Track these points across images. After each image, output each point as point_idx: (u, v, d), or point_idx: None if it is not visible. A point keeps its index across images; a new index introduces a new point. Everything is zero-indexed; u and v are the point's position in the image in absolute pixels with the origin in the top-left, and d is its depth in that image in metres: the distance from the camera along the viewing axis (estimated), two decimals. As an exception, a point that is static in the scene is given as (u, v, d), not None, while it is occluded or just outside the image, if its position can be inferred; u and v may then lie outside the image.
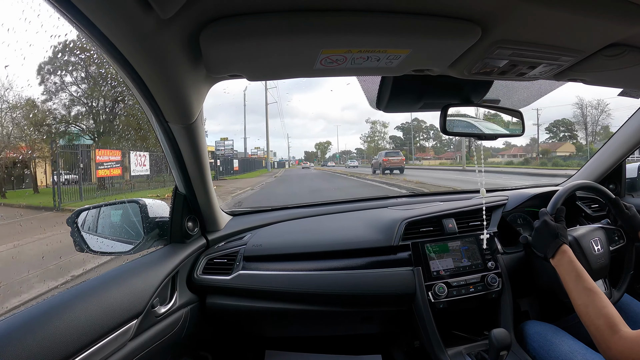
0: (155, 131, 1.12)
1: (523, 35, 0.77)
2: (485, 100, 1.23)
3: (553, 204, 1.36)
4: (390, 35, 0.74)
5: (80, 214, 1.41)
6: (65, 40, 12.23)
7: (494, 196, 1.79)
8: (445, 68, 0.92)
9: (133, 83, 0.84)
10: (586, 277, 1.13)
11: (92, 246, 1.37)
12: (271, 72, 0.91)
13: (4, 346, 0.75)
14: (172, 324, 1.23)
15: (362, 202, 2.02)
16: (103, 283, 1.05)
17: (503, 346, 1.15)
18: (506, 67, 0.91)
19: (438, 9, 0.69)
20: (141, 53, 0.74)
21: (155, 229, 1.37)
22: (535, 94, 1.33)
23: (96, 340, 0.90)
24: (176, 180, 1.31)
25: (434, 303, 1.38)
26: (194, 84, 0.91)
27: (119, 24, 0.64)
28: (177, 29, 0.68)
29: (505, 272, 1.47)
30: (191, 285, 1.39)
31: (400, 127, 73.69)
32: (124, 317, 1.01)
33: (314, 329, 1.69)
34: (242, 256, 1.47)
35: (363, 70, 0.90)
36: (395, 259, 1.46)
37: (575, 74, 1.01)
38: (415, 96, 1.15)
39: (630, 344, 0.93)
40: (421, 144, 73.16)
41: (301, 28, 0.69)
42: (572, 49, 0.85)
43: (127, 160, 11.71)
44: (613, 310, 1.03)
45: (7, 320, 0.82)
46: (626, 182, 1.95)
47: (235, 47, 0.73)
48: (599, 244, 1.38)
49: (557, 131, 42.99)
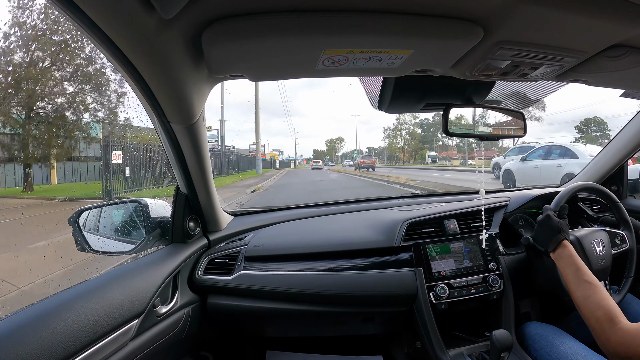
0: (157, 131, 1.12)
1: (525, 36, 0.77)
2: (487, 101, 1.23)
3: (557, 201, 1.36)
4: (392, 36, 0.74)
5: (82, 214, 1.41)
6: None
7: (495, 197, 1.78)
8: (447, 69, 0.92)
9: (135, 83, 0.84)
10: (586, 270, 1.13)
11: (93, 246, 1.38)
12: (273, 73, 0.91)
13: (5, 345, 0.75)
14: (173, 324, 1.23)
15: (363, 202, 2.02)
16: (104, 283, 1.05)
17: (504, 347, 1.15)
18: (508, 68, 0.91)
19: (440, 10, 0.69)
20: (143, 53, 0.74)
21: (157, 229, 1.37)
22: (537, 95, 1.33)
23: (97, 340, 0.90)
24: (178, 180, 1.32)
25: (435, 304, 1.38)
26: (196, 84, 0.91)
27: (121, 24, 0.64)
28: (179, 29, 0.68)
29: (506, 273, 1.47)
30: (192, 285, 1.39)
31: (418, 124, 66.53)
32: (125, 317, 1.01)
33: (315, 330, 1.69)
34: (243, 256, 1.46)
35: (365, 70, 0.90)
36: (397, 260, 1.46)
37: (577, 75, 1.01)
38: (417, 97, 1.15)
39: (630, 336, 0.93)
40: (444, 142, 66.29)
41: (303, 28, 0.69)
42: (574, 49, 0.85)
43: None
44: (612, 303, 1.03)
45: (8, 319, 0.82)
46: (628, 183, 1.94)
47: (237, 47, 0.73)
48: (601, 246, 1.38)
49: (587, 130, 41.22)
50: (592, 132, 39.36)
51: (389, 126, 63.28)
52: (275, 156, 58.95)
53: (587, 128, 39.80)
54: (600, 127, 39.64)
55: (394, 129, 66.29)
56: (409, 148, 64.28)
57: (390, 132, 67.64)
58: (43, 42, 9.74)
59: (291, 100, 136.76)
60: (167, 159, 1.23)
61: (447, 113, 1.15)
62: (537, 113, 36.08)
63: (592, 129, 39.47)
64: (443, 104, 1.15)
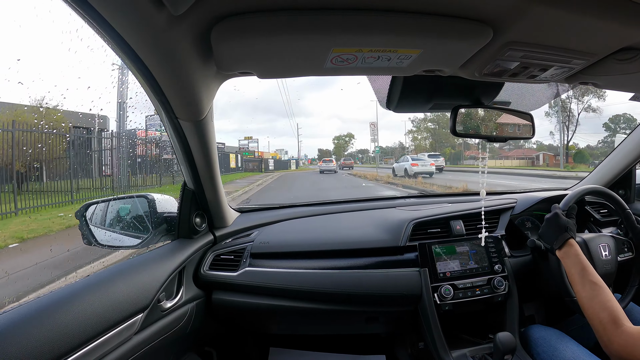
0: (165, 127, 1.13)
1: (535, 37, 0.77)
2: (496, 102, 1.22)
3: (566, 201, 1.35)
4: (401, 35, 0.74)
5: (89, 208, 1.42)
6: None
7: (502, 199, 1.78)
8: (456, 69, 0.91)
9: (144, 79, 0.85)
10: (591, 270, 1.13)
11: (100, 239, 1.39)
12: (282, 70, 0.91)
13: (10, 337, 0.76)
14: (177, 318, 1.24)
15: (369, 201, 2.02)
16: (110, 276, 1.06)
17: (508, 350, 1.15)
18: (517, 69, 0.91)
19: (450, 10, 0.69)
20: (152, 49, 0.74)
21: (163, 224, 1.38)
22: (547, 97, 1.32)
23: (101, 333, 0.91)
24: (185, 176, 1.32)
25: (440, 305, 1.37)
26: (205, 81, 0.91)
27: (131, 20, 0.65)
28: (188, 25, 0.68)
29: (512, 276, 1.46)
30: (197, 281, 1.40)
31: (435, 119, 53.81)
32: (130, 311, 1.02)
33: (318, 328, 1.70)
34: (249, 253, 1.47)
35: (374, 69, 0.90)
36: (402, 260, 1.46)
37: (586, 77, 1.00)
38: (425, 97, 1.15)
39: (633, 339, 0.93)
40: (465, 139, 57.79)
41: (312, 26, 0.69)
42: (583, 52, 0.84)
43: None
44: (617, 305, 1.03)
45: (13, 312, 0.83)
46: (636, 188, 1.93)
47: (246, 44, 0.73)
48: (607, 250, 1.37)
49: (616, 128, 38.18)
50: (620, 129, 37.78)
51: (415, 117, 51.94)
52: (277, 156, 49.71)
53: (616, 125, 38.26)
54: (629, 125, 37.92)
55: (427, 119, 51.34)
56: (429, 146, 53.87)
57: (419, 124, 52.07)
58: None
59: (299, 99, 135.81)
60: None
61: (455, 113, 1.14)
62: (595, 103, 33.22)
63: (620, 126, 38.02)
64: (451, 104, 1.15)
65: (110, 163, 10.33)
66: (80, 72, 3.40)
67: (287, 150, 56.00)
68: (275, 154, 50.27)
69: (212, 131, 1.17)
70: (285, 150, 55.84)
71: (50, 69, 9.74)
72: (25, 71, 4.08)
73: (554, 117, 31.77)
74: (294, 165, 47.02)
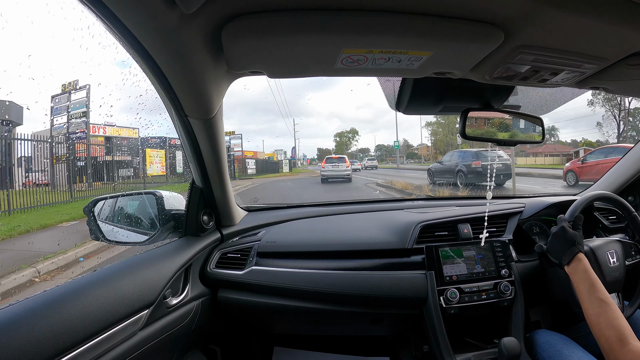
0: (175, 125, 1.14)
1: (546, 41, 0.76)
2: (506, 105, 1.22)
3: (572, 211, 1.34)
4: (412, 37, 0.73)
5: (97, 203, 1.43)
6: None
7: (510, 203, 1.77)
8: (466, 71, 0.91)
9: (154, 77, 0.86)
10: (600, 287, 1.12)
11: (107, 235, 1.40)
12: (292, 70, 0.91)
13: (16, 330, 0.77)
14: (182, 315, 1.24)
15: (377, 203, 2.02)
16: (116, 272, 1.07)
17: (512, 355, 1.14)
18: (528, 73, 0.90)
19: (461, 12, 0.69)
20: (163, 47, 0.75)
21: (171, 221, 1.39)
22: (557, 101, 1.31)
23: (107, 328, 0.92)
24: (193, 174, 1.33)
25: (445, 308, 1.37)
26: (215, 79, 0.91)
27: (143, 19, 0.65)
28: (199, 24, 0.69)
29: (518, 281, 1.45)
30: (204, 279, 1.41)
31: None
32: (136, 307, 1.02)
33: (323, 328, 1.70)
34: (255, 252, 1.48)
35: (384, 71, 0.90)
36: (409, 262, 1.45)
37: (598, 82, 0.99)
38: (435, 99, 1.15)
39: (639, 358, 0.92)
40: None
41: (323, 27, 0.69)
42: (595, 56, 0.83)
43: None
44: (624, 323, 1.02)
45: (19, 305, 0.84)
46: None
47: (257, 43, 0.73)
48: (615, 257, 1.36)
49: (636, 122, 36.48)
50: (638, 124, 36.38)
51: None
52: (274, 156, 43.16)
53: (634, 119, 36.62)
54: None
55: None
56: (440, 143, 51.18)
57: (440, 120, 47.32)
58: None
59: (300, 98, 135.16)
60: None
61: (465, 116, 1.14)
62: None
63: (638, 120, 36.50)
64: (461, 107, 1.15)
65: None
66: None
67: (285, 151, 48.02)
68: (271, 154, 44.79)
69: (221, 129, 1.18)
70: (284, 151, 48.34)
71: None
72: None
73: (597, 106, 29.76)
74: (286, 167, 36.61)
